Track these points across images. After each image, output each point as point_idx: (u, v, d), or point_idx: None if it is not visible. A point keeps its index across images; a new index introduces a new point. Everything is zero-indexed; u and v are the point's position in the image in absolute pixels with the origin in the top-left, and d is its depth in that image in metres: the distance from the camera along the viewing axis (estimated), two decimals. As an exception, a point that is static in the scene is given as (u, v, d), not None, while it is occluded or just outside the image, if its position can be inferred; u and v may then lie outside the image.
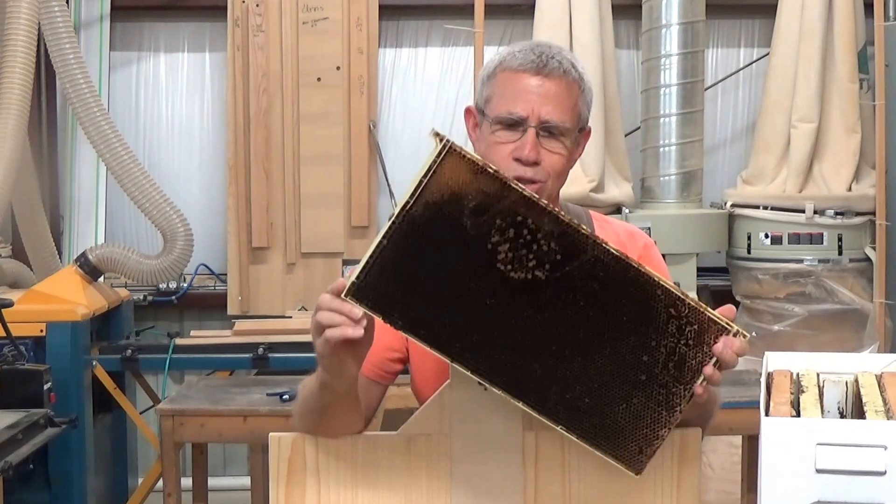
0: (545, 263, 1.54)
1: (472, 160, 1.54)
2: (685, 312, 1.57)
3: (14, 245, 4.69)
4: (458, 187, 1.52)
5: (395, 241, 1.53)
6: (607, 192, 4.66)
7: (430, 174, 1.52)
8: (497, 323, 1.55)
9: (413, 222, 1.52)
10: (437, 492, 1.72)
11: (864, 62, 4.73)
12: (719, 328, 1.59)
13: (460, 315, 1.55)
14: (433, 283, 1.54)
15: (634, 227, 2.05)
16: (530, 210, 1.53)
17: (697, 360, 1.58)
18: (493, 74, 1.86)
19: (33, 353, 3.76)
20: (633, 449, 1.60)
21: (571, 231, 1.54)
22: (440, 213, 1.52)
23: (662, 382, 1.58)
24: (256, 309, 4.92)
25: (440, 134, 1.54)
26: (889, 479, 1.49)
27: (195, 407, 3.61)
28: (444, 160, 1.53)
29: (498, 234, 1.53)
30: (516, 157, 1.81)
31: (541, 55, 1.82)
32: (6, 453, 2.95)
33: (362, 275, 1.53)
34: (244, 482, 4.61)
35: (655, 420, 1.59)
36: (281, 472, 1.74)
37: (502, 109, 1.82)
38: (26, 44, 4.02)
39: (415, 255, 1.53)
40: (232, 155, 4.90)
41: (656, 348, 1.57)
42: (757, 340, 4.67)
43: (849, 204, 4.63)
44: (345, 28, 4.91)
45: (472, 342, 1.55)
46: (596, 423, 1.59)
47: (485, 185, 1.53)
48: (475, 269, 1.54)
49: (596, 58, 4.59)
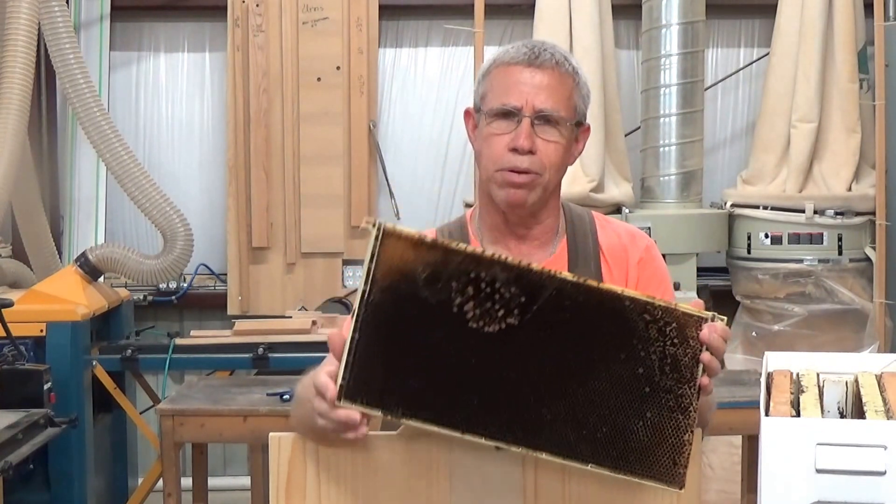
0: (513, 309, 1.54)
1: (409, 236, 1.54)
2: (659, 314, 1.58)
3: (14, 245, 4.69)
4: (404, 266, 1.53)
5: (366, 332, 1.53)
6: (607, 192, 4.66)
7: (376, 261, 1.52)
8: (491, 380, 1.55)
9: (377, 309, 1.53)
10: (437, 492, 1.72)
11: (864, 62, 4.73)
12: (696, 319, 1.59)
13: (452, 384, 1.55)
14: (416, 362, 1.54)
15: (636, 228, 2.05)
16: (479, 264, 1.54)
17: (689, 356, 1.59)
18: (488, 72, 1.88)
19: (33, 353, 3.77)
20: (666, 463, 1.59)
21: (524, 272, 1.55)
22: (397, 293, 1.53)
23: (667, 388, 1.58)
24: (256, 309, 4.92)
25: (371, 220, 1.54)
26: (889, 479, 1.49)
27: (195, 407, 3.61)
28: (383, 244, 1.52)
29: (459, 296, 1.53)
30: (512, 147, 1.82)
31: (533, 48, 1.85)
32: (6, 453, 2.95)
33: (347, 374, 1.53)
34: (244, 482, 4.61)
35: (675, 427, 1.59)
36: (281, 472, 1.74)
37: (496, 102, 1.84)
38: (26, 44, 4.03)
39: (390, 340, 1.53)
40: (232, 155, 4.91)
41: (647, 357, 1.57)
42: (757, 340, 4.68)
43: (849, 204, 4.64)
44: (345, 28, 4.91)
45: (473, 407, 1.55)
46: (621, 448, 1.58)
47: (428, 256, 1.53)
48: (451, 336, 1.54)
49: (596, 58, 4.59)
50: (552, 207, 1.93)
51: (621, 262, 1.92)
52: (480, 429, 1.56)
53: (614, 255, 1.93)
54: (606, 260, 1.93)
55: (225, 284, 4.98)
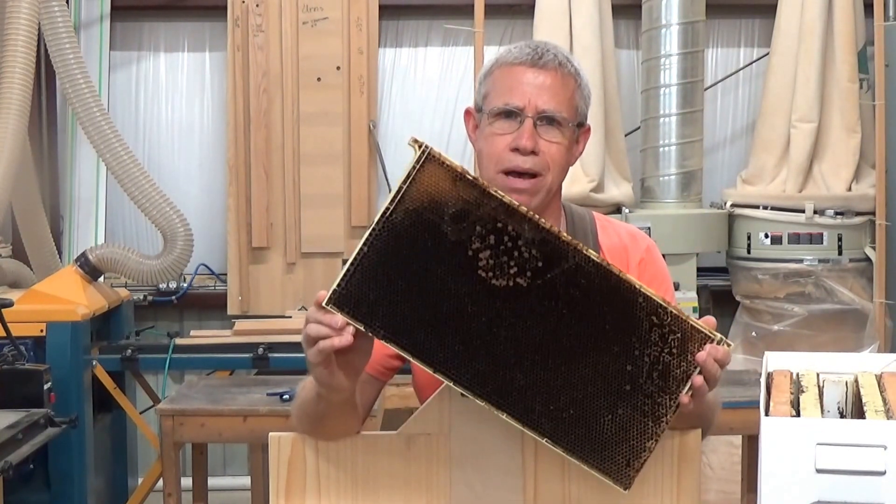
0: (526, 270, 1.53)
1: (452, 167, 1.53)
2: (668, 321, 1.56)
3: (14, 245, 4.69)
4: (437, 194, 1.52)
5: (375, 247, 1.52)
6: (607, 192, 4.66)
7: (410, 181, 1.52)
8: (479, 331, 1.54)
9: (393, 229, 1.52)
10: (437, 492, 1.72)
11: (864, 62, 4.73)
12: (703, 337, 1.57)
13: (442, 323, 1.54)
14: (415, 291, 1.53)
15: (636, 228, 2.05)
16: (510, 217, 1.53)
17: (682, 369, 1.57)
18: (490, 72, 1.88)
19: (33, 353, 3.76)
20: (620, 462, 1.58)
21: (552, 238, 1.54)
22: (420, 219, 1.52)
23: (647, 392, 1.57)
24: (256, 309, 4.92)
25: (419, 140, 1.54)
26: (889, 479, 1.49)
27: (195, 407, 3.61)
28: (424, 167, 1.52)
29: (479, 241, 1.52)
30: (514, 147, 1.82)
31: (536, 49, 1.85)
32: (6, 453, 2.95)
33: (343, 283, 1.53)
34: (244, 482, 4.61)
35: (642, 431, 1.57)
36: (281, 472, 1.74)
37: (499, 101, 1.83)
38: (26, 44, 4.02)
39: (396, 263, 1.52)
40: (232, 155, 4.91)
41: (640, 357, 1.56)
42: (757, 340, 4.68)
43: (849, 204, 4.63)
44: (345, 28, 4.91)
45: (454, 351, 1.54)
46: (581, 434, 1.57)
47: (464, 192, 1.53)
48: (456, 276, 1.53)
49: (596, 58, 4.59)
50: (553, 209, 1.93)
51: (622, 262, 1.92)
52: (453, 372, 1.55)
53: (615, 255, 1.93)
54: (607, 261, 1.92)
55: (225, 284, 4.98)
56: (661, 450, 1.69)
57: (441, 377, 1.56)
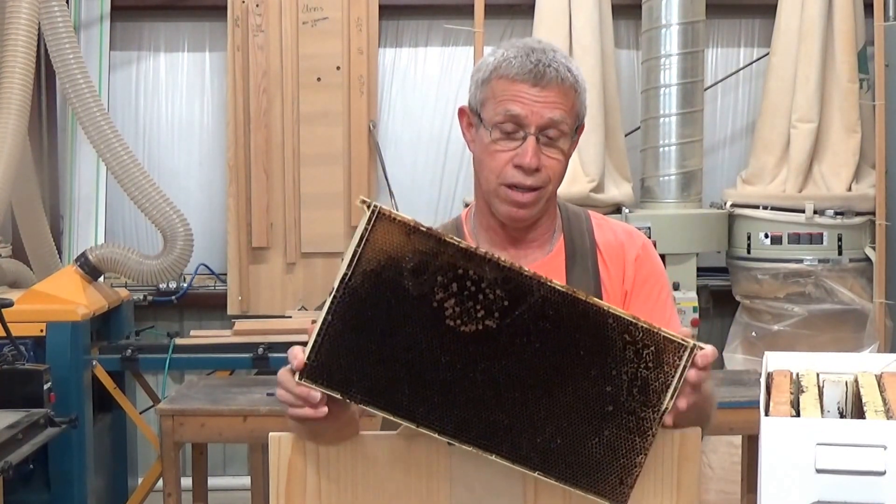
0: (494, 312, 1.52)
1: (404, 221, 1.51)
2: (640, 336, 1.55)
3: (14, 245, 4.69)
4: (393, 251, 1.51)
5: (339, 315, 1.51)
6: (607, 192, 4.66)
7: (364, 242, 1.50)
8: (456, 379, 1.53)
9: (355, 294, 1.51)
10: (437, 492, 1.72)
11: (864, 62, 4.73)
12: (676, 346, 1.56)
13: (418, 378, 1.53)
14: (386, 352, 1.52)
15: (632, 227, 2.05)
16: (470, 261, 1.52)
17: (660, 381, 1.56)
18: (488, 80, 1.84)
19: (33, 353, 3.77)
20: (613, 481, 1.58)
21: (514, 275, 1.53)
22: (380, 280, 1.51)
23: (630, 409, 1.56)
24: (256, 309, 4.92)
25: (366, 200, 1.51)
26: (889, 479, 1.49)
27: (195, 407, 3.61)
28: (375, 226, 1.50)
29: (442, 291, 1.51)
30: (517, 165, 1.81)
31: (538, 63, 1.80)
32: (6, 453, 2.95)
33: (313, 354, 1.52)
34: (244, 482, 4.61)
35: (630, 448, 1.58)
36: (281, 472, 1.74)
37: (501, 117, 1.81)
38: (26, 44, 4.03)
39: (362, 326, 1.51)
40: (232, 155, 4.91)
41: (618, 376, 1.56)
42: (757, 340, 4.68)
43: (849, 204, 4.64)
44: (345, 28, 4.91)
45: (434, 403, 1.54)
46: (571, 461, 1.57)
47: (420, 244, 1.51)
48: (425, 330, 1.52)
49: (596, 58, 4.59)
50: (550, 212, 1.93)
51: (618, 259, 1.93)
52: (436, 424, 1.55)
53: (611, 252, 1.93)
54: (603, 258, 1.93)
55: (225, 284, 4.98)
56: (661, 450, 1.69)
57: (425, 431, 1.55)
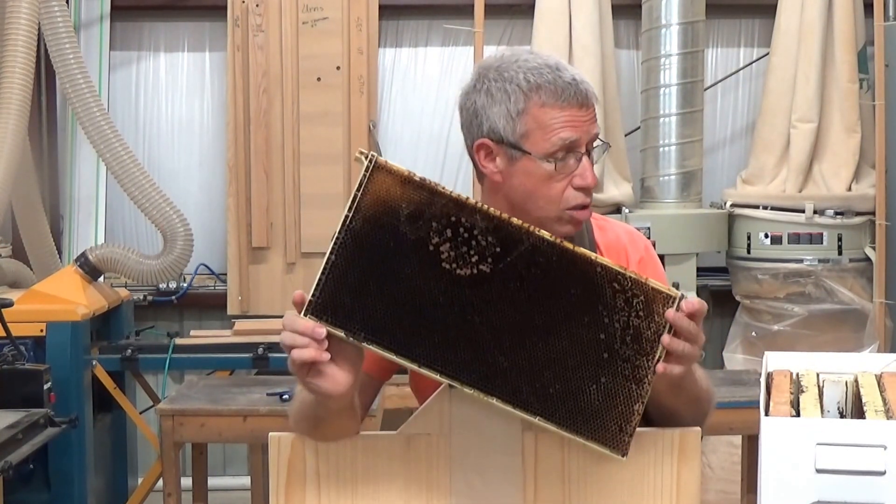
0: (487, 257, 1.60)
1: (399, 172, 1.60)
2: (628, 285, 1.62)
3: (14, 245, 4.69)
4: (389, 199, 1.59)
5: (342, 254, 1.58)
6: (607, 192, 4.66)
7: (363, 190, 1.59)
8: (454, 321, 1.60)
9: (356, 236, 1.58)
10: (437, 492, 1.72)
11: (864, 62, 4.73)
12: (664, 297, 1.62)
13: (418, 318, 1.59)
14: (387, 291, 1.59)
15: (632, 227, 2.05)
16: (461, 210, 1.60)
17: (652, 330, 1.62)
18: (527, 110, 1.77)
19: (33, 353, 3.76)
20: (612, 429, 1.63)
21: (504, 224, 1.60)
22: (378, 224, 1.59)
23: (625, 357, 1.62)
24: (256, 309, 4.92)
25: (364, 151, 1.60)
26: (889, 479, 1.49)
27: (195, 407, 3.61)
28: (373, 175, 1.59)
29: (437, 236, 1.59)
30: (579, 187, 1.79)
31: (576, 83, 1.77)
32: (6, 453, 2.95)
33: (317, 291, 1.57)
34: (244, 482, 4.62)
35: (627, 396, 1.62)
36: (281, 472, 1.74)
37: (557, 147, 1.77)
38: (26, 44, 4.02)
39: (364, 266, 1.58)
40: (232, 155, 4.91)
41: (610, 324, 1.61)
42: (757, 340, 4.68)
43: (848, 204, 4.64)
44: (345, 28, 4.91)
45: (433, 343, 1.59)
46: (571, 407, 1.62)
47: (414, 194, 1.59)
48: (423, 272, 1.59)
49: (596, 58, 4.59)
50: None
51: (621, 261, 1.92)
52: (438, 364, 1.60)
53: (612, 254, 1.92)
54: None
55: (225, 284, 4.98)
56: (661, 450, 1.70)
57: (426, 371, 1.60)
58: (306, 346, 1.57)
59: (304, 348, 1.57)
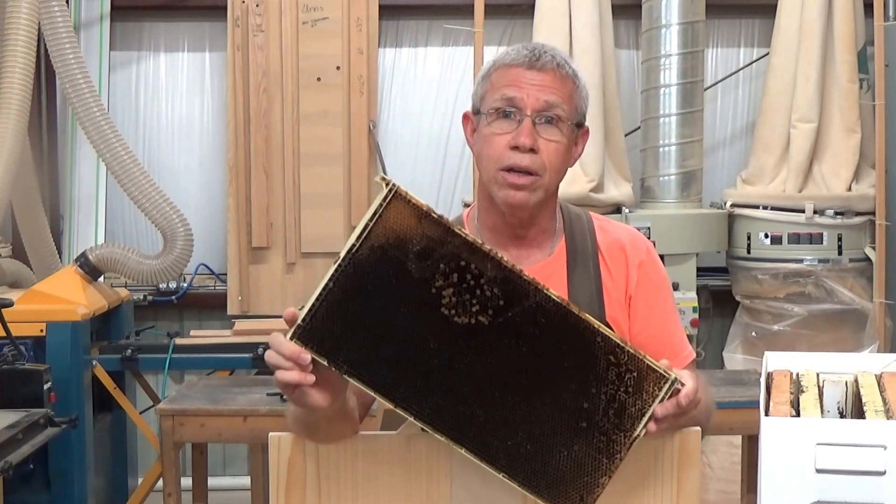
0: (488, 308, 1.55)
1: (417, 205, 1.54)
2: (624, 360, 1.58)
3: (14, 245, 4.69)
4: (402, 231, 1.53)
5: (341, 283, 1.53)
6: (607, 192, 4.66)
7: (376, 218, 1.53)
8: (441, 367, 1.55)
9: (359, 265, 1.53)
10: (437, 492, 1.72)
11: (864, 62, 4.73)
12: (658, 376, 1.59)
13: (404, 360, 1.55)
14: (379, 328, 1.54)
15: (634, 229, 2.03)
16: (473, 255, 1.54)
17: (637, 407, 1.58)
18: (488, 74, 1.88)
19: (33, 353, 3.77)
20: (574, 497, 1.60)
21: (514, 276, 1.56)
22: (385, 256, 1.53)
23: (603, 430, 1.58)
24: (256, 309, 4.92)
25: (386, 178, 1.55)
26: (889, 479, 1.49)
27: (195, 407, 3.61)
28: (390, 204, 1.53)
29: (442, 279, 1.54)
30: (513, 145, 1.81)
31: (533, 50, 1.84)
32: (6, 453, 2.95)
33: (308, 317, 1.54)
34: (244, 482, 4.61)
35: (596, 468, 1.59)
36: (281, 472, 1.74)
37: (497, 101, 1.83)
38: (26, 44, 4.02)
39: (361, 299, 1.53)
40: (232, 155, 4.91)
41: (596, 395, 1.57)
42: (757, 340, 4.68)
43: (848, 204, 4.64)
44: (345, 28, 4.91)
45: (415, 387, 1.56)
46: (538, 469, 1.59)
47: (429, 230, 1.54)
48: (419, 313, 1.54)
49: (596, 58, 4.59)
50: (551, 209, 1.93)
51: (621, 262, 1.92)
52: (413, 408, 1.56)
53: (613, 255, 1.92)
54: (605, 260, 1.92)
55: (225, 284, 4.98)
56: (661, 450, 1.70)
57: (402, 412, 1.57)
58: (291, 369, 1.56)
59: (288, 370, 1.56)
